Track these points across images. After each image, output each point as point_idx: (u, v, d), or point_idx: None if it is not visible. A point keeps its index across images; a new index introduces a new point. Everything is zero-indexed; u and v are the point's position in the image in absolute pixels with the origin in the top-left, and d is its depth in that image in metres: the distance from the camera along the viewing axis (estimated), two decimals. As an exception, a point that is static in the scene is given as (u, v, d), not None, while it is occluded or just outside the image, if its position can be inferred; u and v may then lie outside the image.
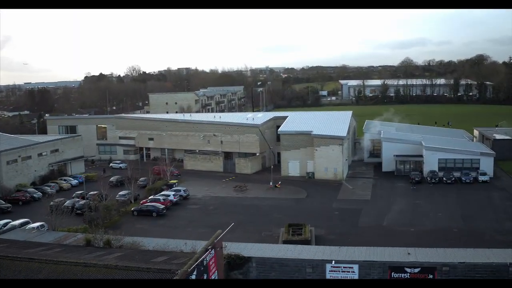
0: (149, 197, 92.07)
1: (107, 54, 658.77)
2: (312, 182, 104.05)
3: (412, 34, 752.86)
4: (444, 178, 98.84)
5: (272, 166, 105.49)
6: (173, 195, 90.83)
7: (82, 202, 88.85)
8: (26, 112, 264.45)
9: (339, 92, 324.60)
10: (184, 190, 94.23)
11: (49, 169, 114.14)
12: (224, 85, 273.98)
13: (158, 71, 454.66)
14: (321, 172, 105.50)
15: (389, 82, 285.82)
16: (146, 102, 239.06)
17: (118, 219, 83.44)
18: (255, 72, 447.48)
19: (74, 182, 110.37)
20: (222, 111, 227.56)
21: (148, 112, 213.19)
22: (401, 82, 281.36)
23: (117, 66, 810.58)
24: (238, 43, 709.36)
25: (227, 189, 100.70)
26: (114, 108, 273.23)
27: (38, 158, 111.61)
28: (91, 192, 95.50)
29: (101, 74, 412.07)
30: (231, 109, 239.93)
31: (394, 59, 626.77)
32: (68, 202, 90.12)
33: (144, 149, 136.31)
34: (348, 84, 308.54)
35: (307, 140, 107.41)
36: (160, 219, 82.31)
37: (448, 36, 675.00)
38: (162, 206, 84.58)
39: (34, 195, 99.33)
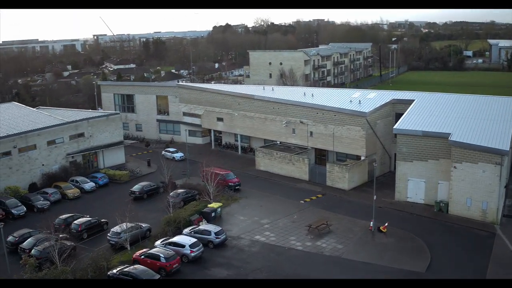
0: (158, 242, 53.72)
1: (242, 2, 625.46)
2: (442, 222, 59.83)
3: None
4: None
5: (375, 187, 62.17)
6: (192, 245, 51.29)
7: (48, 243, 52.13)
8: (131, 65, 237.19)
9: (486, 53, 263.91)
10: (216, 233, 54.31)
11: (68, 162, 79.34)
12: (353, 41, 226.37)
13: (292, 22, 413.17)
14: (460, 204, 60.68)
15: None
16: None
17: (80, 292, 45.99)
18: (393, 26, 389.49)
19: (89, 186, 74.80)
20: (342, 74, 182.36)
21: (247, 74, 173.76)
22: None
23: (249, 16, 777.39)
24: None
25: (298, 225, 59.55)
26: (224, 63, 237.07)
27: (48, 147, 77.15)
28: (80, 220, 59.03)
29: (227, 24, 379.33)
30: (353, 71, 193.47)
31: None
32: (28, 242, 54.24)
33: (212, 131, 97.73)
34: (499, 45, 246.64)
35: (442, 148, 62.76)
36: (143, 307, 43.53)
37: None
38: (156, 277, 45.52)
39: (13, 211, 64.91)
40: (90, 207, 67.99)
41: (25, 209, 65.87)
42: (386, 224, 57.35)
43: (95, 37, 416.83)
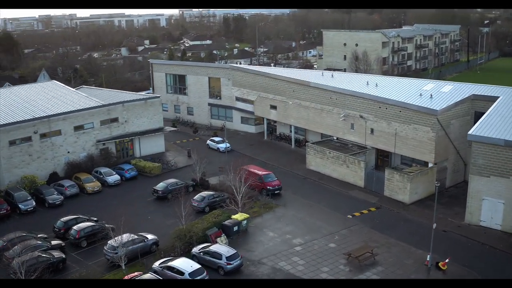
0: (156, 264, 43.29)
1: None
2: (525, 259, 45.62)
3: None
4: None
5: (436, 197, 48.71)
6: (192, 274, 40.44)
7: (32, 254, 42.98)
8: (207, 42, 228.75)
9: None
10: (228, 258, 43.12)
11: (98, 149, 70.65)
12: (442, 22, 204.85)
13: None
14: (552, 237, 46.11)
15: None
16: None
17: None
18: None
19: (112, 179, 65.60)
20: (425, 58, 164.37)
21: (319, 55, 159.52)
22: None
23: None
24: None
25: (336, 250, 47.27)
26: (303, 41, 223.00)
27: (75, 133, 68.52)
28: (80, 225, 49.79)
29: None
30: (438, 56, 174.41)
31: None
32: (13, 251, 45.39)
33: (265, 120, 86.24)
34: None
35: (529, 162, 48.17)
36: None
37: None
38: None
39: (20, 206, 56.72)
40: (107, 205, 58.85)
41: (34, 204, 57.78)
42: (447, 260, 43.96)
43: (181, 12, 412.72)
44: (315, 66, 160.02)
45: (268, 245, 48.34)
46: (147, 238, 47.47)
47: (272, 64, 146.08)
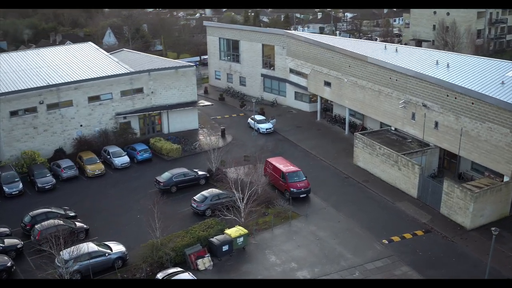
0: None
1: None
2: None
3: None
4: None
5: None
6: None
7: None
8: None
9: None
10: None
11: (117, 123, 60.68)
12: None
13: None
14: None
15: None
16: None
17: None
18: None
19: (119, 161, 55.37)
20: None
21: (406, 24, 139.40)
22: None
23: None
24: None
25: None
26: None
27: (89, 104, 58.80)
28: (45, 223, 40.27)
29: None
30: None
31: None
32: None
33: (319, 98, 72.33)
34: None
35: None
36: None
37: None
38: None
39: (5, 188, 48.43)
40: (101, 194, 49.55)
41: (20, 187, 49.01)
42: (502, 337, 29.64)
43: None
44: (401, 36, 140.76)
45: (261, 275, 36.05)
46: (110, 251, 36.59)
47: (337, 32, 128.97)
